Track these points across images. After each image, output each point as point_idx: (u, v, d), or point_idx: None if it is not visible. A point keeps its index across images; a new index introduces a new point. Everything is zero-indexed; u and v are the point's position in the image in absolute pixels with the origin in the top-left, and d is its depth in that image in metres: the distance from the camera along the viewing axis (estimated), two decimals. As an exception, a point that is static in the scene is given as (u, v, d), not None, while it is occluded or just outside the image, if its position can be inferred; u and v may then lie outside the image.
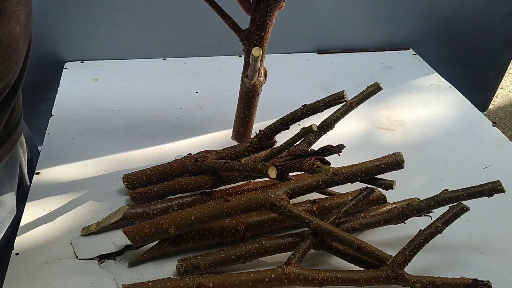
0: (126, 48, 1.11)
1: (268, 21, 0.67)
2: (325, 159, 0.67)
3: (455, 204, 0.60)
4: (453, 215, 0.59)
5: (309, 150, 0.69)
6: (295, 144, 0.68)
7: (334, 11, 1.17)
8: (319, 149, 0.68)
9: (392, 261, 0.59)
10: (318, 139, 0.74)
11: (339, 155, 0.73)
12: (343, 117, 0.72)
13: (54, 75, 1.06)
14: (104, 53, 1.10)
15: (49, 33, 1.05)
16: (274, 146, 0.70)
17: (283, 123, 0.67)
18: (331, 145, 0.68)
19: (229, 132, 0.85)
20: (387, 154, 0.63)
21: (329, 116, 0.72)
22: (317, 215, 0.68)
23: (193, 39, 1.14)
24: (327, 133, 0.92)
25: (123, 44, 1.10)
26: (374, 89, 0.72)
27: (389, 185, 0.63)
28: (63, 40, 1.07)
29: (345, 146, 0.68)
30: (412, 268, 0.58)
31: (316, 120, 0.94)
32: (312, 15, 1.17)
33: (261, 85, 0.75)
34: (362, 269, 0.60)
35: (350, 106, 0.72)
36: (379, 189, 0.65)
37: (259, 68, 0.69)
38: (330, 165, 0.67)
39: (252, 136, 0.82)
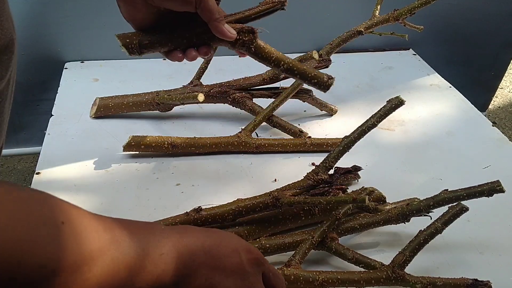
0: (126, 48, 1.11)
1: None
2: (345, 187, 0.65)
3: (454, 204, 0.60)
4: (452, 215, 0.59)
5: (327, 178, 0.65)
6: (313, 170, 0.66)
7: (334, 11, 1.17)
8: (339, 174, 0.68)
9: (392, 261, 0.59)
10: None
11: (357, 181, 0.76)
12: (363, 137, 0.66)
13: (54, 75, 1.06)
14: (104, 53, 1.10)
15: (49, 33, 1.05)
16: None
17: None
18: (349, 168, 0.69)
19: (229, 132, 0.85)
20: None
21: (352, 133, 0.67)
22: (317, 215, 0.69)
23: (193, 39, 1.14)
24: (326, 131, 0.92)
25: (123, 44, 1.10)
26: (396, 104, 0.65)
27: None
28: (63, 40, 1.07)
29: (362, 169, 0.69)
30: (412, 268, 0.58)
31: (317, 125, 0.95)
32: (312, 15, 1.17)
33: None
34: (362, 269, 0.60)
35: (372, 124, 0.66)
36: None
37: None
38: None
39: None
